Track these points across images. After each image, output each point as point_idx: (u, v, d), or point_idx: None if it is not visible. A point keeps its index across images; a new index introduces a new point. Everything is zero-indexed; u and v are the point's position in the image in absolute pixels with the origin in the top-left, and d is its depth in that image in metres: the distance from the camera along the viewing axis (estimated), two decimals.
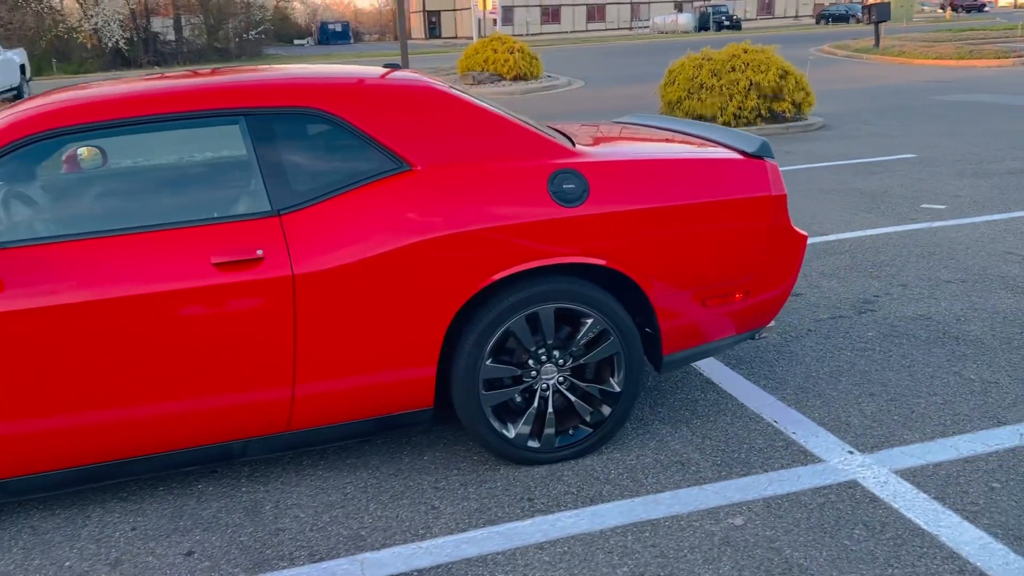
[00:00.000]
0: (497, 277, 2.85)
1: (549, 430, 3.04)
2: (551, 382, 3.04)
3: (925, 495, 2.78)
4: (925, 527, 2.61)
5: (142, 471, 2.78)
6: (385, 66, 3.52)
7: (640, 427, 3.35)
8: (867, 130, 10.92)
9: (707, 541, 2.60)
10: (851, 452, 3.07)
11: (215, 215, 2.71)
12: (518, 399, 3.05)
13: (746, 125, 11.15)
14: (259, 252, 2.67)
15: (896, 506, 2.72)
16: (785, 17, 65.47)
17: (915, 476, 2.89)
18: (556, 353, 3.02)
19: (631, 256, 2.97)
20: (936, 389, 3.53)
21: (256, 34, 39.60)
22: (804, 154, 9.44)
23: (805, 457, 3.05)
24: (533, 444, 3.05)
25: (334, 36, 60.45)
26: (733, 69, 11.22)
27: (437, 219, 2.80)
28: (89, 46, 36.07)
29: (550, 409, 3.04)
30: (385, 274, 2.75)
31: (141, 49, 36.78)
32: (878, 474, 2.91)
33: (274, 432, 2.84)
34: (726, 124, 11.11)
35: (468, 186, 2.85)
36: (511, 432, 3.02)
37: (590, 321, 2.99)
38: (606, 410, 3.10)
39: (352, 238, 2.74)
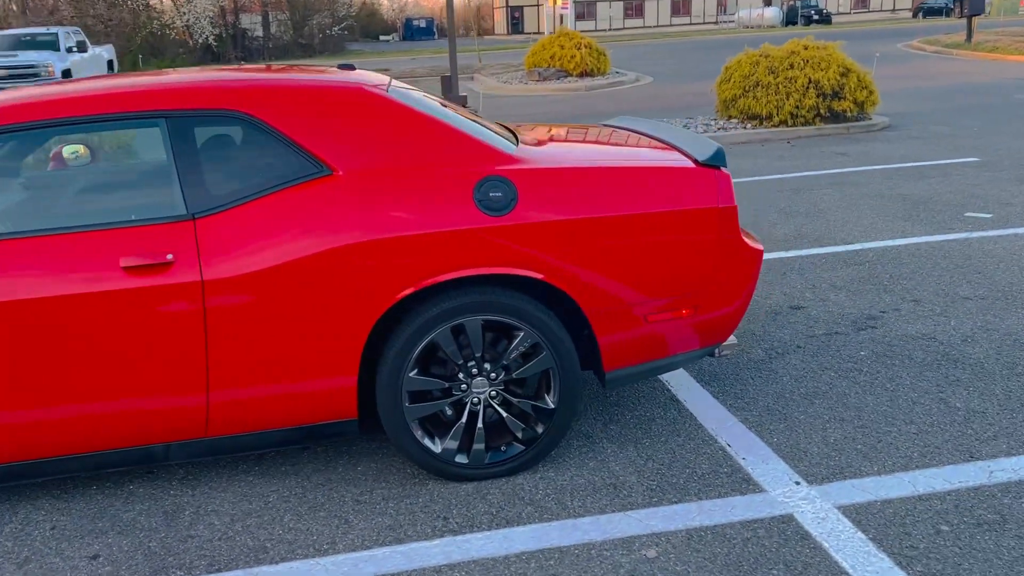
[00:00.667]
0: (417, 287, 2.76)
1: (478, 445, 2.94)
2: (482, 396, 2.93)
3: (862, 535, 2.56)
4: (850, 571, 2.40)
5: (64, 471, 2.80)
6: (339, 66, 3.47)
7: (586, 444, 3.21)
8: (934, 131, 10.36)
9: (611, 573, 2.46)
10: (798, 483, 2.86)
11: (132, 218, 2.70)
12: (449, 412, 2.96)
13: (804, 125, 10.72)
14: (169, 256, 2.65)
15: (826, 546, 2.52)
16: (881, 11, 63.02)
17: (858, 513, 2.68)
18: (488, 366, 2.91)
19: (563, 268, 2.84)
20: (914, 417, 3.27)
21: (340, 30, 40.37)
22: (858, 156, 9.01)
23: (746, 486, 2.87)
24: (461, 459, 2.95)
25: (418, 32, 61.15)
26: (791, 66, 10.80)
27: (355, 225, 2.73)
28: (181, 42, 37.41)
29: (479, 424, 2.93)
30: (300, 281, 2.70)
31: (230, 45, 37.95)
32: (819, 509, 2.71)
33: (193, 437, 2.82)
34: (782, 123, 10.73)
35: (389, 192, 2.77)
36: (438, 446, 2.93)
37: (521, 334, 2.88)
38: (540, 428, 2.98)
39: (266, 244, 2.69)
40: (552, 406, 2.96)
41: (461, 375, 2.91)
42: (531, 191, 2.84)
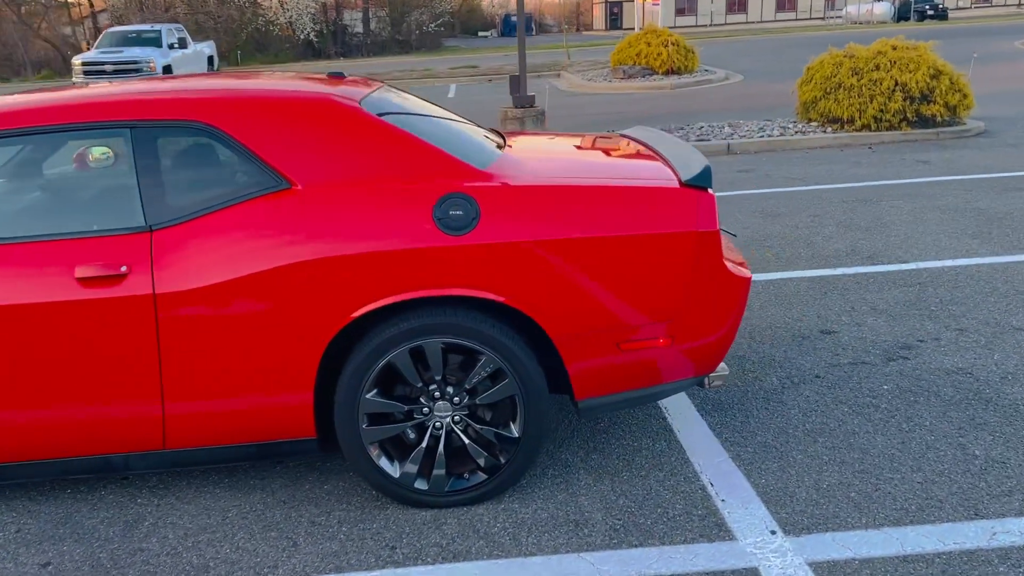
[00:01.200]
0: (372, 307, 2.67)
1: (439, 471, 2.83)
2: (445, 421, 2.82)
3: None
4: None
5: (30, 475, 2.83)
6: (329, 75, 3.41)
7: (561, 473, 3.06)
8: None
9: None
10: (773, 532, 2.64)
11: (94, 228, 2.70)
12: (412, 435, 2.86)
13: (888, 129, 10.15)
14: (123, 268, 2.64)
15: None
16: (1007, 5, 59.42)
17: (831, 571, 2.44)
18: (450, 390, 2.80)
19: (527, 291, 2.70)
20: (923, 464, 2.99)
21: (437, 26, 40.78)
22: (941, 165, 8.45)
23: (717, 532, 2.67)
24: (420, 485, 2.85)
25: (516, 28, 61.15)
26: (877, 68, 10.23)
27: (310, 241, 2.66)
28: (285, 38, 38.52)
29: (440, 449, 2.83)
30: (252, 296, 2.65)
31: (330, 41, 38.87)
32: (788, 564, 2.49)
33: (152, 449, 2.81)
34: (865, 128, 10.18)
35: (347, 208, 2.68)
36: (396, 471, 2.83)
37: (483, 359, 2.75)
38: (503, 457, 2.85)
39: (220, 258, 2.65)
40: (516, 435, 2.83)
41: (423, 399, 2.81)
42: (494, 209, 2.71)
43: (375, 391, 2.77)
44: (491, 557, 2.61)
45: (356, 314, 2.68)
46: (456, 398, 2.81)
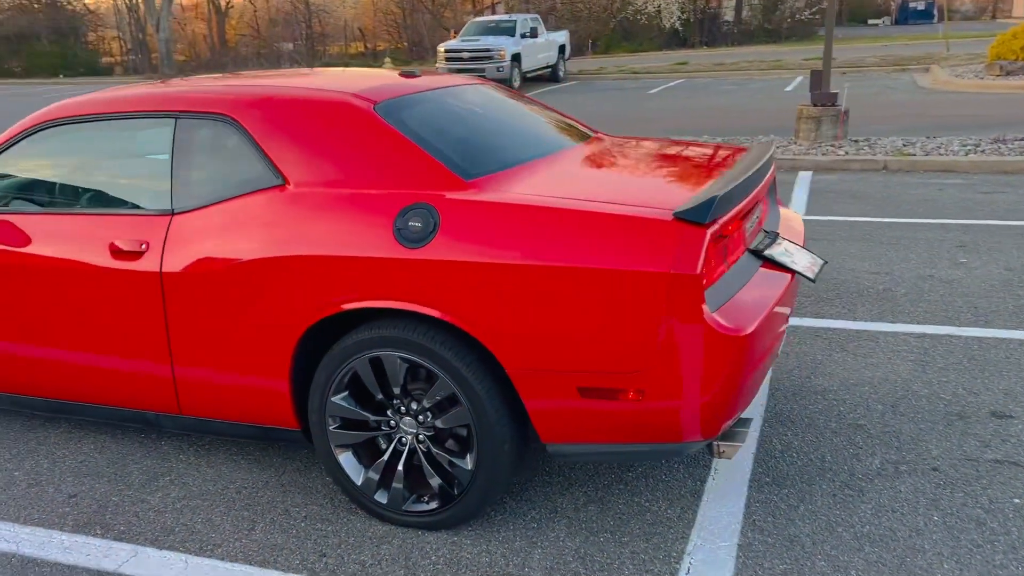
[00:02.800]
0: (334, 311, 2.64)
1: (398, 486, 2.74)
2: (409, 438, 2.72)
3: None
4: None
5: (88, 415, 3.25)
6: (401, 73, 3.40)
7: (541, 519, 2.79)
8: None
9: None
10: None
11: (138, 207, 2.99)
12: (383, 446, 2.80)
13: None
14: (143, 246, 2.89)
15: None
16: None
17: None
18: (415, 408, 2.69)
19: (480, 315, 2.48)
20: None
21: (811, 14, 38.40)
22: None
23: None
24: (380, 497, 2.78)
25: (915, 15, 55.12)
26: None
27: (286, 240, 2.70)
28: (652, 27, 38.92)
29: (400, 464, 2.73)
30: (236, 283, 2.76)
31: (695, 30, 38.47)
32: None
33: (172, 412, 3.07)
34: None
35: (324, 210, 2.67)
36: (360, 477, 2.79)
37: (439, 381, 2.60)
38: (456, 489, 2.67)
39: (213, 245, 2.79)
40: (469, 467, 2.63)
41: (390, 411, 2.73)
42: (454, 224, 2.52)
43: (344, 395, 2.74)
44: None
45: (321, 316, 2.67)
46: (420, 416, 2.69)
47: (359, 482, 2.80)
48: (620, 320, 2.37)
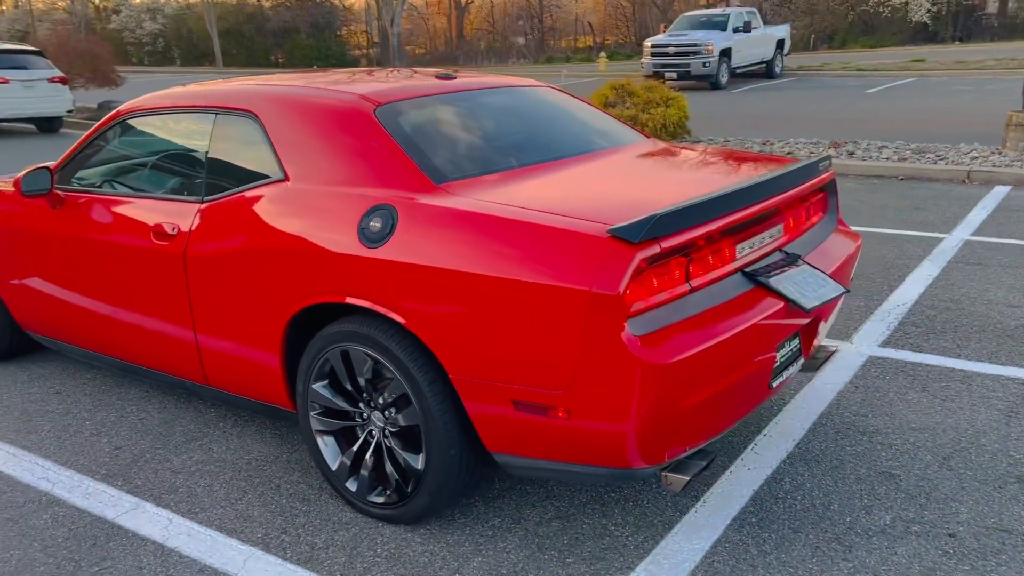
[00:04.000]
0: (308, 303, 2.78)
1: (364, 474, 2.84)
2: (376, 431, 2.81)
3: None
4: None
5: (144, 377, 3.62)
6: (437, 76, 3.46)
7: (502, 527, 2.77)
8: None
9: None
10: None
11: (180, 194, 3.29)
12: (358, 436, 2.91)
13: None
14: (174, 230, 3.18)
15: None
16: None
17: None
18: (381, 402, 2.77)
19: (424, 318, 2.52)
20: None
21: None
22: None
23: None
24: (350, 485, 2.89)
25: None
26: None
27: (277, 231, 2.86)
28: (895, 20, 36.04)
29: (368, 455, 2.83)
30: (235, 268, 2.97)
31: (949, 23, 35.15)
32: None
33: (200, 382, 3.35)
34: None
35: (307, 207, 2.81)
36: (335, 463, 2.92)
37: (393, 379, 2.66)
38: (410, 487, 2.72)
39: (222, 232, 3.02)
40: (419, 468, 2.67)
41: (361, 404, 2.83)
42: (408, 227, 2.55)
43: (324, 383, 2.87)
44: (331, 572, 2.56)
45: (300, 307, 2.81)
46: (385, 412, 2.76)
47: (334, 467, 2.92)
48: (546, 336, 2.31)
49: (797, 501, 2.87)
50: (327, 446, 2.94)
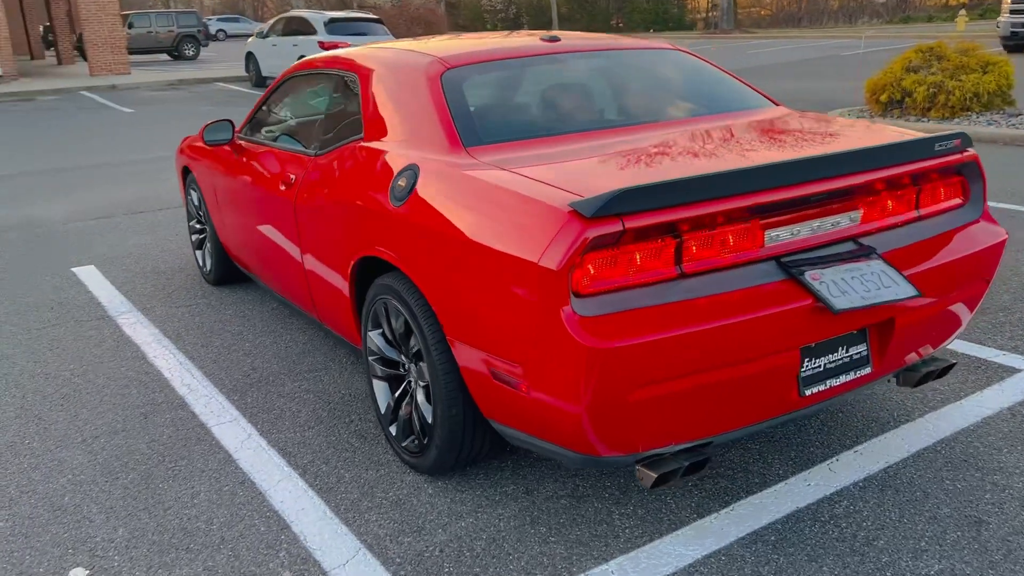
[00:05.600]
0: (362, 255, 2.95)
1: (402, 419, 2.97)
2: (413, 383, 2.94)
3: None
4: None
5: (279, 301, 4.07)
6: (542, 39, 3.41)
7: (505, 497, 2.77)
8: None
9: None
10: None
11: (305, 149, 3.62)
12: (400, 384, 3.05)
13: None
14: (293, 179, 3.53)
15: None
16: None
17: None
18: (414, 354, 2.90)
19: (429, 276, 2.58)
20: None
21: None
22: None
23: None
24: (392, 429, 3.05)
25: None
26: None
27: (343, 188, 3.07)
28: None
29: (404, 404, 2.97)
30: (320, 220, 3.23)
31: None
32: None
33: (313, 315, 3.69)
34: None
35: (364, 164, 2.98)
36: (383, 405, 3.09)
37: (413, 335, 2.76)
38: (425, 440, 2.81)
39: (316, 185, 3.29)
40: (430, 422, 2.75)
41: (403, 355, 2.96)
42: (424, 187, 2.61)
43: (377, 331, 3.05)
44: (339, 504, 2.75)
45: (357, 257, 2.99)
46: (416, 365, 2.87)
47: (383, 410, 3.09)
48: (510, 307, 2.26)
49: (838, 529, 2.51)
50: (379, 390, 3.11)
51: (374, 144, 3.02)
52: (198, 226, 5.19)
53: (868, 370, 2.54)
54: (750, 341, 2.24)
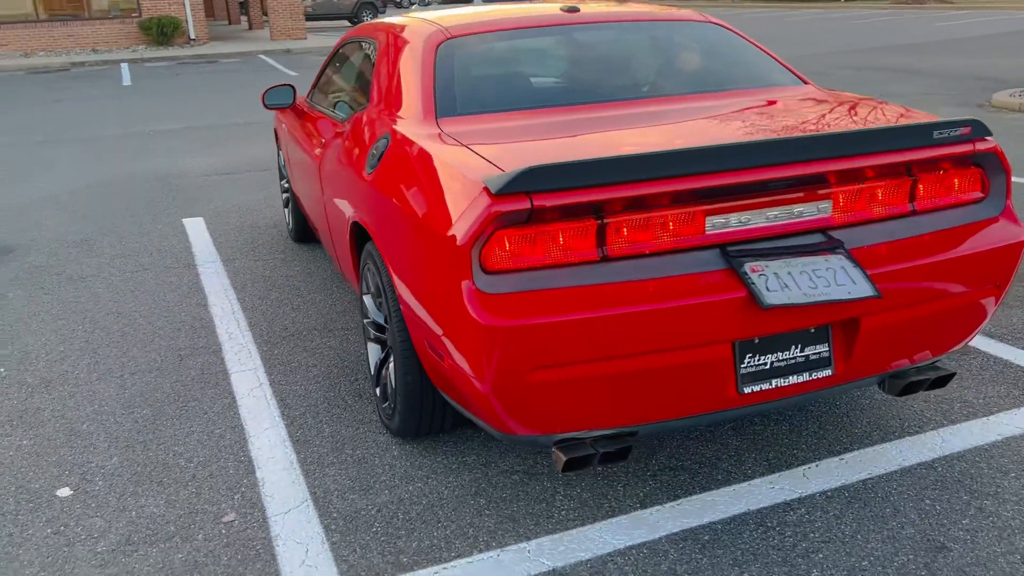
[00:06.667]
0: (352, 220, 3.05)
1: (382, 383, 3.06)
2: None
3: None
4: None
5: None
6: (562, 8, 3.34)
7: (466, 468, 2.81)
8: None
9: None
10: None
11: (335, 115, 3.73)
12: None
13: None
14: (324, 144, 3.66)
15: None
16: None
17: None
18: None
19: (385, 244, 2.63)
20: None
21: None
22: None
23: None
24: (377, 390, 3.14)
25: None
26: None
27: (344, 156, 3.17)
28: None
29: (381, 368, 3.05)
30: (329, 186, 3.35)
31: None
32: None
33: (330, 255, 3.85)
34: None
35: (360, 133, 3.07)
36: (372, 364, 3.18)
37: (381, 301, 2.84)
38: (392, 404, 2.88)
39: (332, 152, 3.40)
40: (393, 388, 2.82)
41: (387, 321, 3.04)
42: (390, 155, 2.66)
43: (368, 295, 3.14)
44: (307, 456, 2.88)
45: (350, 223, 3.09)
46: None
47: (372, 371, 3.19)
48: (432, 279, 2.28)
49: (780, 537, 2.37)
50: (371, 352, 3.21)
51: (373, 112, 3.09)
52: (285, 184, 5.48)
53: (828, 372, 2.36)
54: (673, 330, 2.15)
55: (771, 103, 2.85)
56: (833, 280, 2.20)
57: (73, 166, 8.13)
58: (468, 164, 2.28)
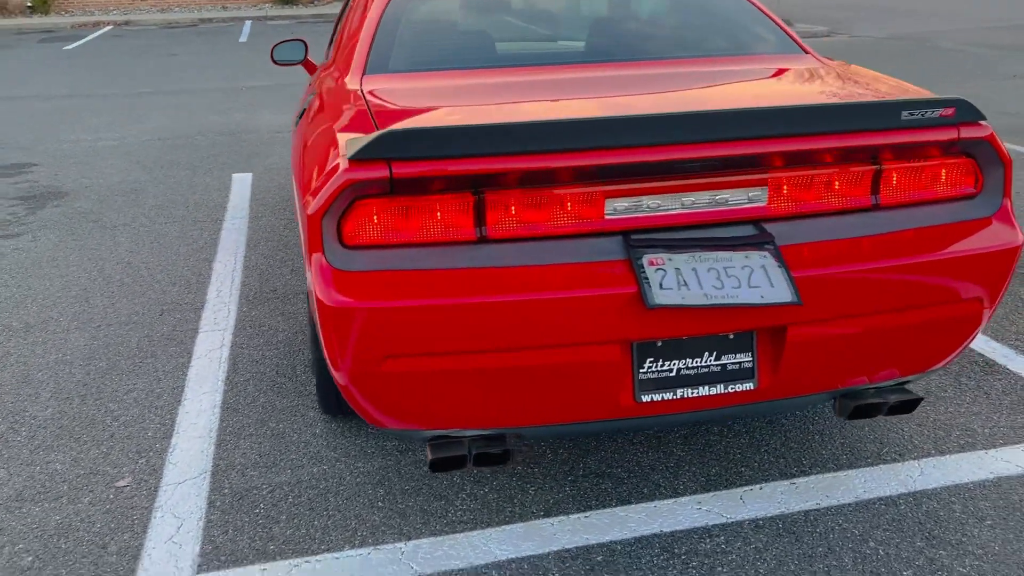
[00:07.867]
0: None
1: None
2: None
3: None
4: None
5: None
6: None
7: (387, 454, 2.64)
8: None
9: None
10: None
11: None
12: None
13: None
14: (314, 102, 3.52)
15: None
16: None
17: None
18: None
19: (295, 202, 2.47)
20: None
21: None
22: None
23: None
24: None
25: None
26: None
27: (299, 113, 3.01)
28: None
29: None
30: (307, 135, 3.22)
31: None
32: None
33: None
34: None
35: (307, 89, 2.88)
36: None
37: None
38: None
39: (309, 111, 3.26)
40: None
41: None
42: (307, 113, 2.49)
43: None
44: (238, 418, 2.78)
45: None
46: None
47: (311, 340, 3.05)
48: (304, 249, 2.09)
49: (682, 566, 2.08)
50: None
51: (326, 68, 2.92)
52: None
53: (750, 386, 2.03)
54: (556, 325, 1.88)
55: (744, 73, 2.49)
56: (746, 281, 1.88)
57: (159, 118, 8.36)
58: (354, 127, 2.07)
